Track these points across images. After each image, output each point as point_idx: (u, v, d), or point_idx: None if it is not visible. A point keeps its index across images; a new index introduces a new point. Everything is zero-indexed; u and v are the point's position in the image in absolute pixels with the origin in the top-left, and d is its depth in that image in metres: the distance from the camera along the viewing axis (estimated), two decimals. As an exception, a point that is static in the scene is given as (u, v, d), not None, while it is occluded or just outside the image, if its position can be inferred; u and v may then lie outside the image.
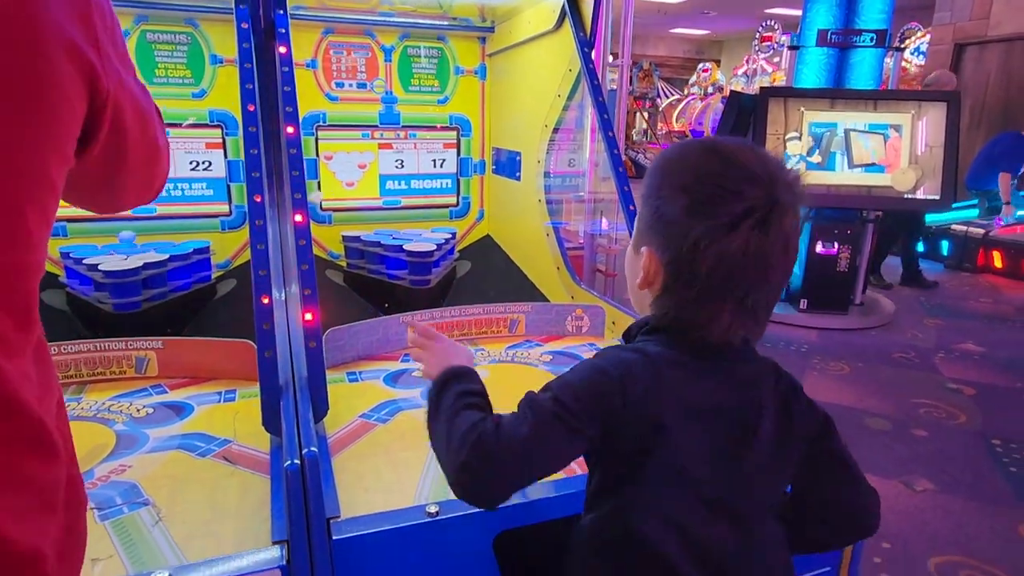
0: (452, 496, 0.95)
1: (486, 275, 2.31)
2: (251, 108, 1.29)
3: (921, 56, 10.13)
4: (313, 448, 0.92)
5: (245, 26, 1.37)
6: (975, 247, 6.00)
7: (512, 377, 1.41)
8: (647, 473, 0.72)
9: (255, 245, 1.16)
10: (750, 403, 0.76)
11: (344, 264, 2.29)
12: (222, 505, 0.92)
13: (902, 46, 4.38)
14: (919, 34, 10.93)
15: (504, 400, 1.28)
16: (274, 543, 0.83)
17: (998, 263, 5.91)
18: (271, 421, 1.06)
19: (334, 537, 0.83)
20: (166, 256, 1.84)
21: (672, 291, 0.73)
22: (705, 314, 0.72)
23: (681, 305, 0.73)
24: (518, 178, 2.23)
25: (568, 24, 1.76)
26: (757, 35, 13.69)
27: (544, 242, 2.10)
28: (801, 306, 4.42)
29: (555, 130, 2.01)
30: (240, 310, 1.71)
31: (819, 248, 4.29)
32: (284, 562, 0.80)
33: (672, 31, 16.86)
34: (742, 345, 0.77)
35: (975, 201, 6.83)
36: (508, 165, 2.35)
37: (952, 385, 3.47)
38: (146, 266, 1.76)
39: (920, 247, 5.58)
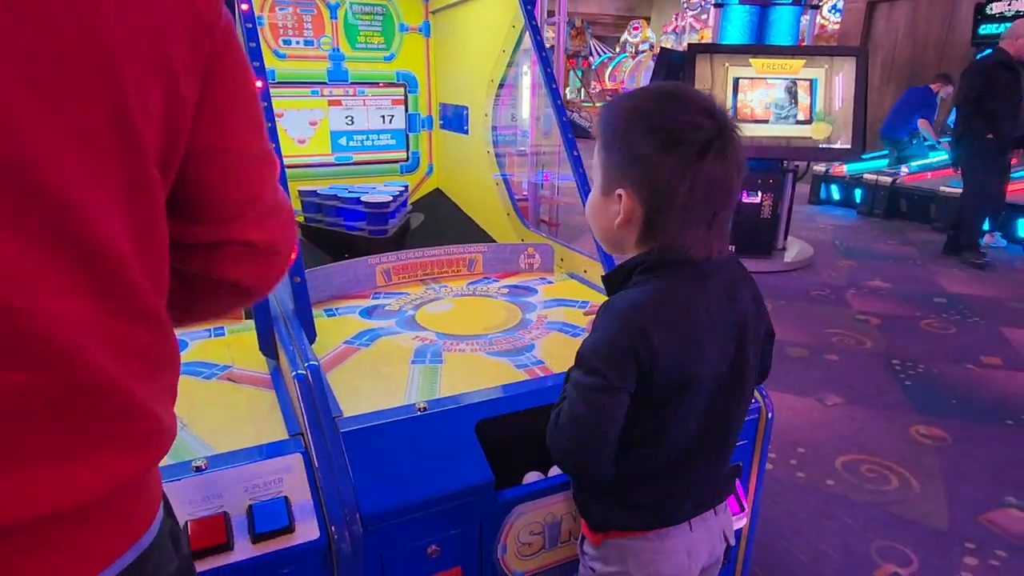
0: (436, 394, 1.12)
1: (438, 225, 2.44)
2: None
3: (838, 13, 10.62)
4: (314, 361, 1.07)
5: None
6: (884, 194, 6.50)
7: (475, 307, 1.57)
8: (679, 402, 0.85)
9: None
10: (741, 309, 0.88)
11: (302, 219, 2.37)
12: (236, 413, 1.06)
13: (818, 4, 4.65)
14: (836, -8, 11.41)
15: (471, 323, 1.44)
16: (291, 436, 0.98)
17: (904, 209, 6.43)
18: (268, 346, 1.19)
19: (342, 430, 0.99)
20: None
21: (654, 223, 0.83)
22: (689, 236, 0.81)
23: (667, 233, 0.82)
24: (466, 132, 2.36)
25: (511, -18, 1.88)
26: (685, -8, 13.94)
27: (494, 191, 2.24)
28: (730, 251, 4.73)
29: (500, 85, 2.14)
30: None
31: (745, 197, 4.59)
32: (303, 448, 0.95)
33: (603, -12, 16.90)
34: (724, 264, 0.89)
35: (885, 152, 7.35)
36: (455, 120, 2.47)
37: (860, 316, 3.86)
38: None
39: (986, 225, 5.19)
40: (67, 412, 0.43)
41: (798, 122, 4.42)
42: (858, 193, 6.81)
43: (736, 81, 4.34)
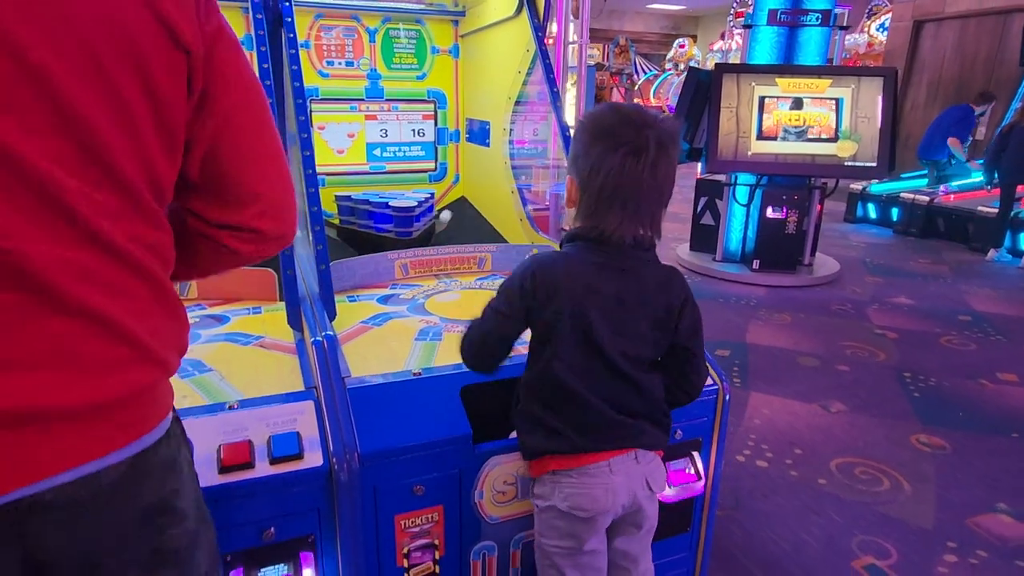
0: (431, 364, 1.32)
1: (462, 229, 2.65)
2: (268, 83, 1.62)
3: (886, 31, 10.52)
4: (331, 332, 1.28)
5: (259, 16, 1.69)
6: (921, 213, 6.45)
7: (479, 298, 1.75)
8: (560, 335, 1.08)
9: (276, 190, 1.51)
10: (645, 299, 1.10)
11: (337, 221, 2.62)
12: (264, 370, 1.28)
13: (847, 25, 4.74)
14: (885, 10, 11.32)
15: (473, 310, 1.64)
16: (307, 388, 1.20)
17: (941, 228, 6.37)
18: (295, 320, 1.42)
19: (348, 387, 1.20)
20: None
21: (582, 203, 1.09)
22: (600, 215, 1.06)
23: (588, 212, 1.08)
24: (488, 144, 2.57)
25: (525, 11, 2.10)
26: (732, 11, 13.97)
27: (510, 200, 2.45)
28: (754, 266, 4.83)
29: (517, 102, 2.35)
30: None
31: (769, 212, 4.69)
32: (315, 398, 1.17)
33: (649, 7, 17.04)
34: (649, 254, 1.12)
35: (924, 171, 7.29)
36: (479, 134, 2.69)
37: (878, 331, 3.91)
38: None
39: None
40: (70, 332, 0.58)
41: (824, 140, 4.50)
42: (895, 212, 6.77)
43: (761, 100, 4.45)
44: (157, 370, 0.65)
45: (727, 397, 1.42)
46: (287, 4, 1.73)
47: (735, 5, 13.89)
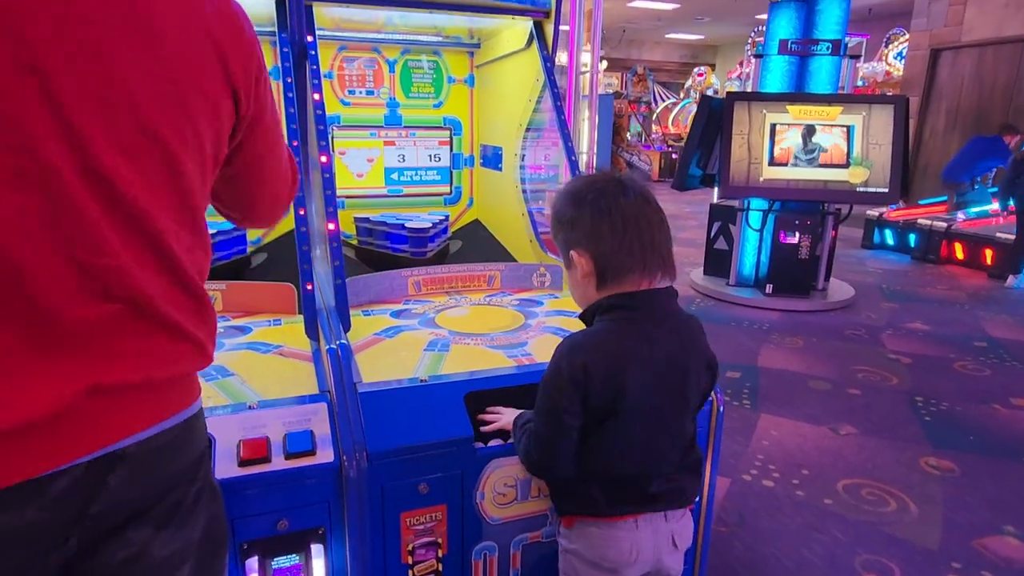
0: (438, 372, 1.40)
1: (475, 250, 2.75)
2: (291, 110, 1.74)
3: (903, 60, 10.58)
4: (345, 341, 1.37)
5: (286, 50, 1.82)
6: (938, 239, 6.44)
7: (487, 313, 1.85)
8: (618, 417, 1.05)
9: (297, 211, 1.62)
10: (685, 349, 1.10)
11: (355, 242, 2.74)
12: (282, 375, 1.37)
13: (857, 55, 4.82)
14: (903, 38, 11.39)
15: (480, 324, 1.72)
16: (320, 392, 1.29)
17: (959, 254, 6.34)
18: (312, 330, 1.51)
19: (359, 391, 1.28)
20: (215, 231, 2.28)
21: (603, 263, 1.05)
22: (630, 259, 1.05)
23: (616, 267, 1.06)
24: (500, 169, 2.68)
25: (535, 44, 2.21)
26: (750, 40, 14.14)
27: (521, 222, 2.54)
28: (767, 290, 4.86)
29: (528, 129, 2.46)
30: (268, 277, 2.15)
31: (782, 238, 4.73)
32: (328, 401, 1.25)
33: (668, 36, 17.30)
34: (676, 303, 1.11)
35: (943, 198, 7.29)
36: (493, 159, 2.80)
37: (892, 355, 3.91)
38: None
39: None
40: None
41: (835, 166, 4.55)
42: (912, 238, 6.75)
43: (773, 127, 4.53)
44: (205, 358, 0.81)
45: (721, 409, 1.48)
46: (312, 39, 1.86)
47: (752, 34, 14.08)
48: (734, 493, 2.39)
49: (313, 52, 1.85)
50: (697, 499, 1.50)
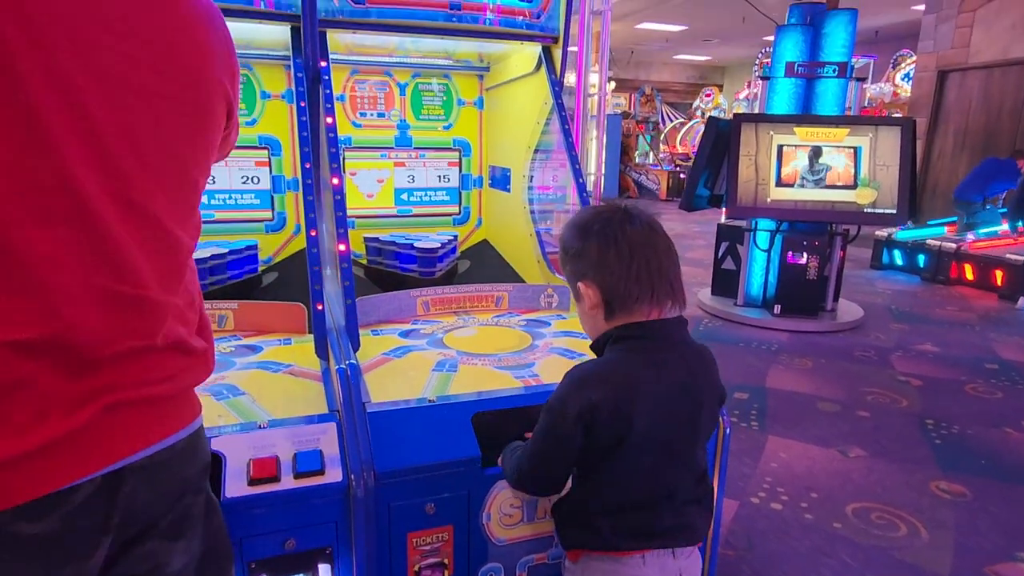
0: (446, 392, 1.41)
1: (483, 270, 2.77)
2: (304, 134, 1.78)
3: (911, 81, 10.62)
4: (354, 361, 1.39)
5: (300, 75, 1.86)
6: (948, 260, 6.41)
7: (494, 334, 1.87)
8: (626, 449, 1.04)
9: (308, 232, 1.64)
10: (697, 381, 1.08)
11: (365, 261, 2.76)
12: (292, 395, 1.39)
13: (863, 77, 4.85)
14: (910, 60, 11.45)
15: (487, 345, 1.73)
16: (330, 411, 1.30)
17: (970, 275, 6.31)
18: (322, 350, 1.53)
19: (368, 411, 1.29)
20: (226, 250, 2.32)
21: (610, 293, 1.05)
22: (637, 288, 1.04)
23: (623, 296, 1.05)
24: (509, 190, 2.71)
25: (543, 68, 2.25)
26: (757, 61, 14.24)
27: (529, 243, 2.56)
28: (775, 311, 4.85)
29: (536, 151, 2.49)
30: (278, 296, 2.18)
31: (790, 258, 4.73)
32: (337, 420, 1.27)
33: (676, 57, 17.45)
34: (684, 335, 1.11)
35: (953, 219, 7.28)
36: (501, 180, 2.83)
37: (902, 377, 3.88)
38: (212, 256, 2.24)
39: None
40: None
41: (842, 187, 4.56)
42: (921, 258, 6.73)
43: (780, 148, 4.56)
44: (209, 369, 0.85)
45: (727, 431, 1.48)
46: (325, 65, 1.90)
47: (760, 56, 14.19)
48: (742, 516, 2.37)
49: (327, 77, 1.89)
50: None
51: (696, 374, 1.10)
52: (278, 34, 1.94)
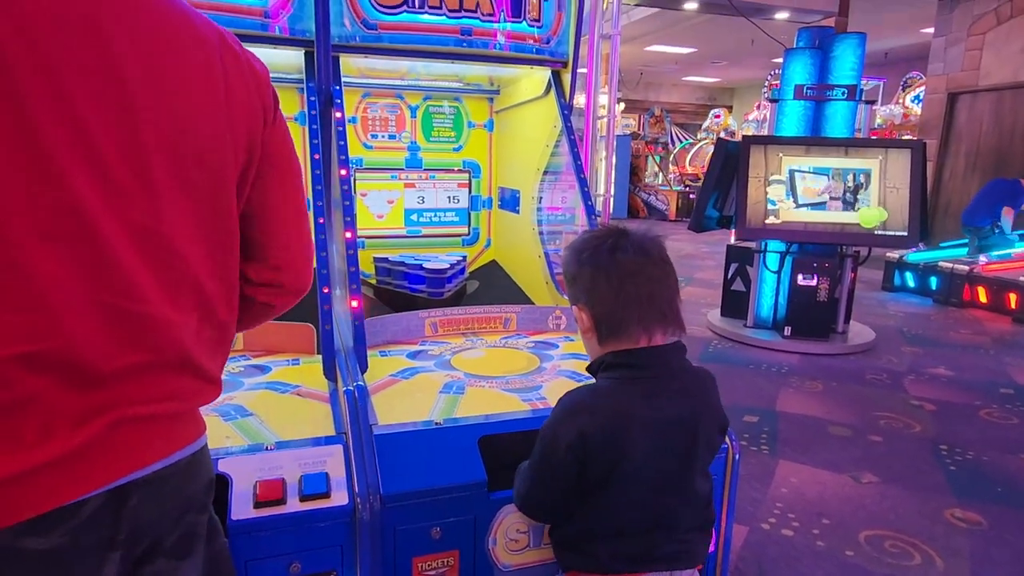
0: (453, 415, 1.41)
1: (491, 291, 2.78)
2: (316, 156, 1.80)
3: (920, 103, 10.62)
4: (362, 383, 1.39)
5: (312, 98, 1.89)
6: (960, 283, 6.35)
7: (502, 356, 1.87)
8: (619, 478, 1.04)
9: (319, 253, 1.66)
10: (695, 410, 1.07)
11: (374, 281, 2.78)
12: (299, 416, 1.39)
13: (873, 100, 4.86)
14: (920, 82, 11.46)
15: (495, 367, 1.73)
16: (337, 433, 1.30)
17: (983, 298, 6.25)
18: (330, 371, 1.54)
19: (375, 433, 1.29)
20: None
21: (601, 319, 1.07)
22: (627, 313, 1.05)
23: (614, 323, 1.06)
24: (518, 212, 2.72)
25: (553, 91, 2.28)
26: (766, 83, 14.30)
27: (538, 264, 2.57)
28: (785, 333, 4.81)
29: (545, 172, 2.51)
30: (288, 317, 2.19)
31: (800, 280, 4.71)
32: (344, 443, 1.27)
33: (685, 79, 17.56)
34: (681, 360, 1.10)
35: (965, 240, 7.22)
36: (510, 201, 2.85)
37: (915, 402, 3.83)
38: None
39: None
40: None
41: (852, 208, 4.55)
42: (934, 281, 6.68)
43: (791, 171, 4.56)
44: (217, 390, 0.86)
45: (737, 457, 1.47)
46: (338, 88, 1.93)
47: (769, 77, 14.25)
48: (752, 542, 2.33)
49: (339, 100, 1.91)
50: (711, 550, 1.49)
51: (696, 404, 1.09)
52: (293, 58, 1.97)
